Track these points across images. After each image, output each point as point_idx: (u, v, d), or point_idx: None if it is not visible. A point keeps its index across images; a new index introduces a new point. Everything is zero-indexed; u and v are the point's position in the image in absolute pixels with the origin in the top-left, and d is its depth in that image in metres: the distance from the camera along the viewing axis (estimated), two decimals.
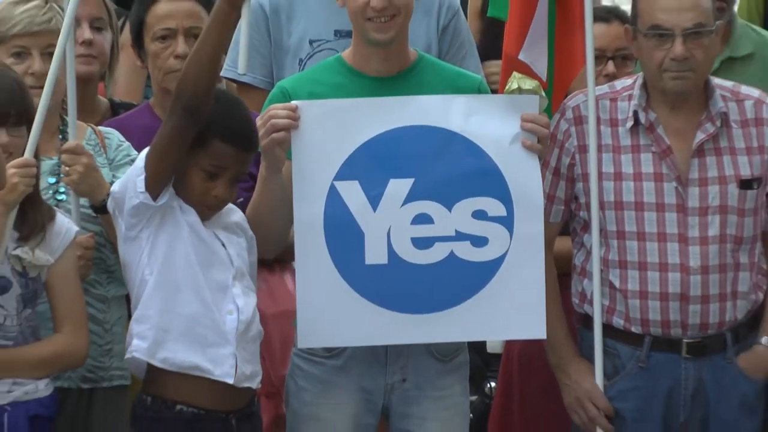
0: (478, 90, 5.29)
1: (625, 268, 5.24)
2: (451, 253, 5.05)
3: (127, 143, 5.34)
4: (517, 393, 6.06)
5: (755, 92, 5.39)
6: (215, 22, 4.82)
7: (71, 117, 5.26)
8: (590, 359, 5.29)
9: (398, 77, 5.15)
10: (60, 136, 5.35)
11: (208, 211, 4.97)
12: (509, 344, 6.07)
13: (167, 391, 4.98)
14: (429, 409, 5.19)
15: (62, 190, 5.26)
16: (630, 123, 5.25)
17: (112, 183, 5.09)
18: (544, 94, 5.23)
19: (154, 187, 4.78)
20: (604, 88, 5.33)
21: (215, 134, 4.73)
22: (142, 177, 4.73)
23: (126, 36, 5.95)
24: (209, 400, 4.95)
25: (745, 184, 5.17)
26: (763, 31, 7.06)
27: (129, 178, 4.83)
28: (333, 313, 5.12)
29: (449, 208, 5.08)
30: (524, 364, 6.01)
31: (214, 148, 4.79)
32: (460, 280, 5.13)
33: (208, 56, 4.84)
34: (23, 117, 4.87)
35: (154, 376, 5.03)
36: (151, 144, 4.82)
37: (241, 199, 5.19)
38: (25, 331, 4.97)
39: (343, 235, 5.08)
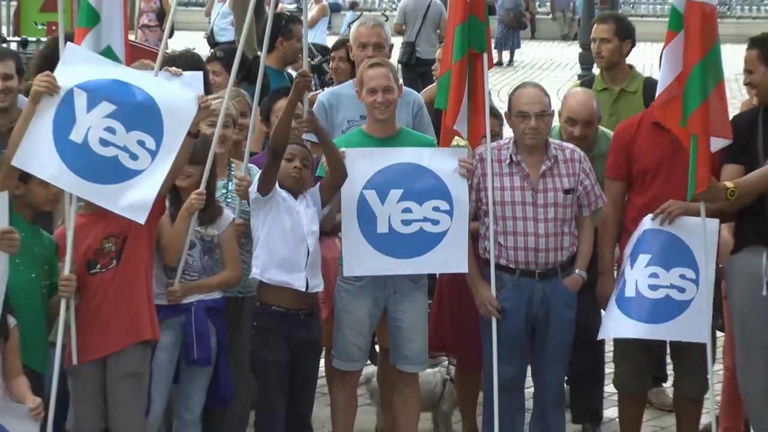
0: (431, 145, 7.24)
1: (505, 234, 6.94)
2: (420, 228, 6.90)
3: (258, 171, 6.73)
4: (446, 300, 7.54)
5: (570, 145, 7.11)
6: (289, 114, 6.46)
7: (246, 161, 6.83)
8: (488, 281, 6.95)
9: (390, 138, 7.06)
10: (229, 168, 6.86)
11: (295, 184, 6.55)
12: (442, 273, 7.49)
13: (267, 298, 6.64)
14: (406, 308, 7.05)
15: (230, 197, 6.79)
16: (507, 161, 6.95)
17: None
18: (469, 147, 7.05)
19: (263, 189, 6.46)
20: (494, 143, 7.06)
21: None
22: (256, 185, 6.49)
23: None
24: (289, 303, 6.61)
25: (567, 192, 6.94)
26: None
27: (252, 187, 6.56)
28: (359, 258, 6.86)
29: (420, 205, 6.89)
30: (451, 284, 7.44)
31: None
32: (424, 242, 6.93)
33: (286, 128, 6.46)
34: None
35: (261, 289, 6.66)
36: (262, 169, 6.56)
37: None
38: (206, 269, 6.60)
39: (366, 217, 6.86)
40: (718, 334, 7.45)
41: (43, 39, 15.56)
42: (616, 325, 6.98)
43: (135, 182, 5.99)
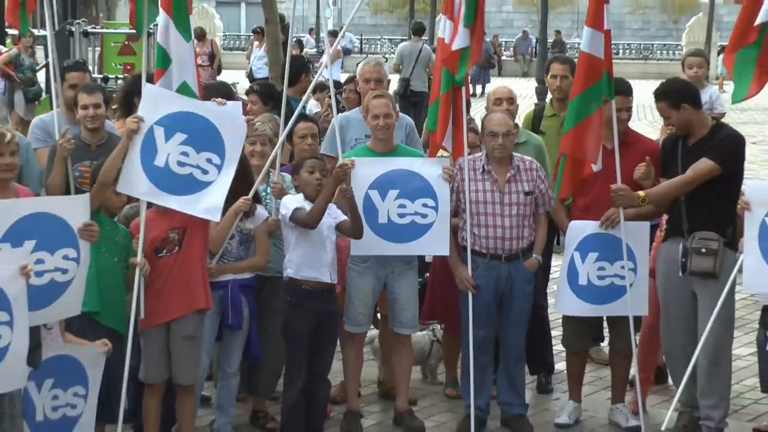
0: (421, 156, 7.24)
1: (478, 226, 6.87)
2: (412, 220, 6.85)
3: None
4: (437, 282, 7.42)
5: (528, 158, 7.02)
6: (325, 201, 6.35)
7: (277, 171, 6.78)
8: (465, 263, 6.88)
9: (389, 152, 7.04)
10: (268, 177, 6.78)
11: (317, 192, 6.39)
12: (434, 257, 7.36)
13: (299, 280, 6.51)
14: (401, 284, 7.02)
15: (269, 197, 6.79)
16: (480, 169, 6.90)
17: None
18: (451, 158, 7.02)
19: (312, 221, 6.38)
20: (470, 156, 6.94)
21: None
22: (290, 212, 6.39)
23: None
24: (316, 284, 6.53)
25: (527, 194, 6.88)
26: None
27: (286, 210, 6.45)
28: (366, 243, 6.74)
29: (412, 202, 6.83)
30: (441, 269, 7.31)
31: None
32: (415, 231, 6.87)
33: (321, 213, 6.38)
34: None
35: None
36: (297, 217, 6.41)
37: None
38: (240, 257, 6.54)
39: (369, 210, 6.76)
40: None
41: (120, 76, 15.70)
42: (572, 306, 7.00)
43: (207, 191, 6.09)
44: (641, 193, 6.56)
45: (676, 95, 6.63)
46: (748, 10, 6.41)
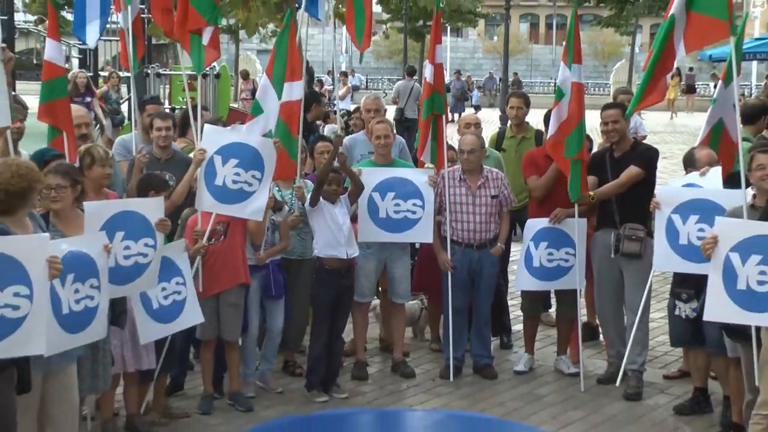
0: (411, 167, 7.06)
1: (456, 222, 6.79)
2: (405, 216, 6.75)
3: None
4: (425, 263, 7.25)
5: (495, 170, 6.89)
6: (327, 166, 6.24)
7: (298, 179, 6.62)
8: (446, 250, 6.81)
9: (388, 164, 6.93)
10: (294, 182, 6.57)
11: (335, 198, 6.33)
12: (421, 244, 7.24)
13: (323, 261, 6.39)
14: (398, 264, 6.94)
15: (294, 200, 6.60)
16: (458, 178, 6.79)
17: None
18: (435, 169, 6.88)
19: (312, 204, 6.31)
20: (451, 168, 6.80)
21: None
22: (309, 198, 6.37)
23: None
24: (336, 264, 6.38)
25: (493, 197, 6.78)
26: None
27: (307, 204, 6.39)
28: (368, 231, 6.72)
29: (405, 201, 6.74)
30: (428, 254, 7.15)
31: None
32: (407, 223, 6.76)
33: (326, 173, 6.21)
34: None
35: (320, 257, 6.42)
36: (312, 192, 6.34)
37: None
38: (274, 241, 6.41)
39: (372, 208, 6.72)
40: None
41: (184, 107, 15.75)
42: (528, 283, 6.94)
43: (252, 199, 6.06)
44: (591, 193, 6.52)
45: (624, 108, 6.65)
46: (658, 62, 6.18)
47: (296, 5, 8.19)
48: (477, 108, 33.15)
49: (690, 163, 6.10)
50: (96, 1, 6.80)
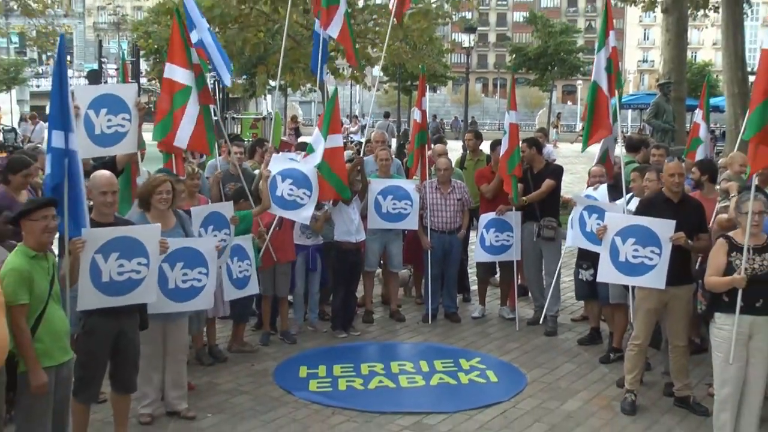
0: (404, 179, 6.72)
1: (434, 216, 6.54)
2: (399, 211, 6.44)
3: None
4: (412, 243, 6.86)
5: (460, 182, 6.62)
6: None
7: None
8: (426, 234, 6.56)
9: (389, 177, 6.58)
10: None
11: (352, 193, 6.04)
12: (409, 230, 6.76)
13: (341, 245, 6.12)
14: (394, 245, 6.64)
15: (328, 206, 6.06)
16: (435, 186, 6.53)
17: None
18: (419, 180, 6.61)
19: (333, 205, 6.02)
20: (431, 180, 6.49)
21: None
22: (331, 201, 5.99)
23: None
24: (349, 245, 6.16)
25: (459, 200, 6.50)
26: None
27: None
28: (376, 223, 6.42)
29: (399, 201, 6.45)
30: (413, 234, 6.79)
31: None
32: (400, 217, 6.48)
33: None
34: None
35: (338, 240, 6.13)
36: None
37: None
38: (311, 228, 5.93)
39: (377, 207, 6.43)
40: None
41: (250, 139, 15.61)
42: (482, 256, 6.67)
43: (303, 208, 5.77)
44: (524, 198, 6.35)
45: (533, 142, 6.51)
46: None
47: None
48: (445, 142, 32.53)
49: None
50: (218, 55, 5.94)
